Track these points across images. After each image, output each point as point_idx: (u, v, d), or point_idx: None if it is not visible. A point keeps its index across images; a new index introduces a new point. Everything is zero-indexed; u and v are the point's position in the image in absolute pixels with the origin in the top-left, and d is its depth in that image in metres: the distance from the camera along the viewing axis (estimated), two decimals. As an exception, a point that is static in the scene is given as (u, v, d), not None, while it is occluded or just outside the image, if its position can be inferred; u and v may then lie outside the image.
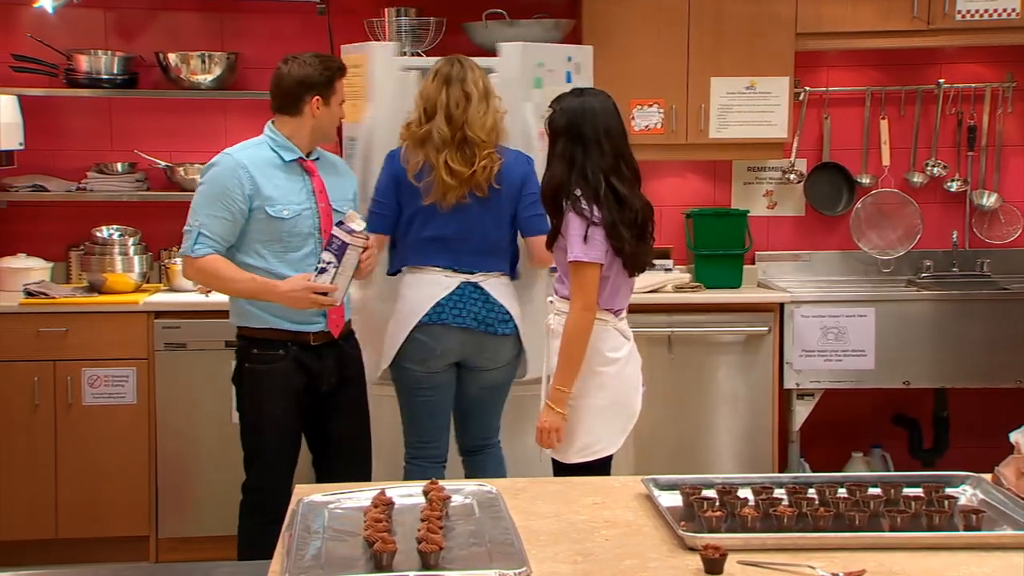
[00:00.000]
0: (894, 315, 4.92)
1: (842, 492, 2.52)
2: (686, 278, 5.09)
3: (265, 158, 3.59)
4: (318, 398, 3.71)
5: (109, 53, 4.94)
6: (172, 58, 4.91)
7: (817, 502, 2.45)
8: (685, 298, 4.95)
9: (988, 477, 2.61)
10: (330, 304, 3.53)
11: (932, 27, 4.96)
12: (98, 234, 4.88)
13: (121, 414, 4.59)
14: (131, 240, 4.87)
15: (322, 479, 3.74)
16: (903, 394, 5.18)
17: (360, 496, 2.48)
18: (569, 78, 4.38)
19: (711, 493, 2.49)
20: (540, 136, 4.00)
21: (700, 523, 2.34)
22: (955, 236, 5.38)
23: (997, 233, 5.42)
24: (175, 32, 5.11)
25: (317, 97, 3.59)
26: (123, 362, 4.58)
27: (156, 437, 4.62)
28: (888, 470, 5.11)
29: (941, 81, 5.36)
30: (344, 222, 3.48)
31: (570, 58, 4.44)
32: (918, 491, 2.52)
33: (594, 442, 3.46)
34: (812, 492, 2.51)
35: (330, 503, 2.46)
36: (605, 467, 3.51)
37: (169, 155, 5.09)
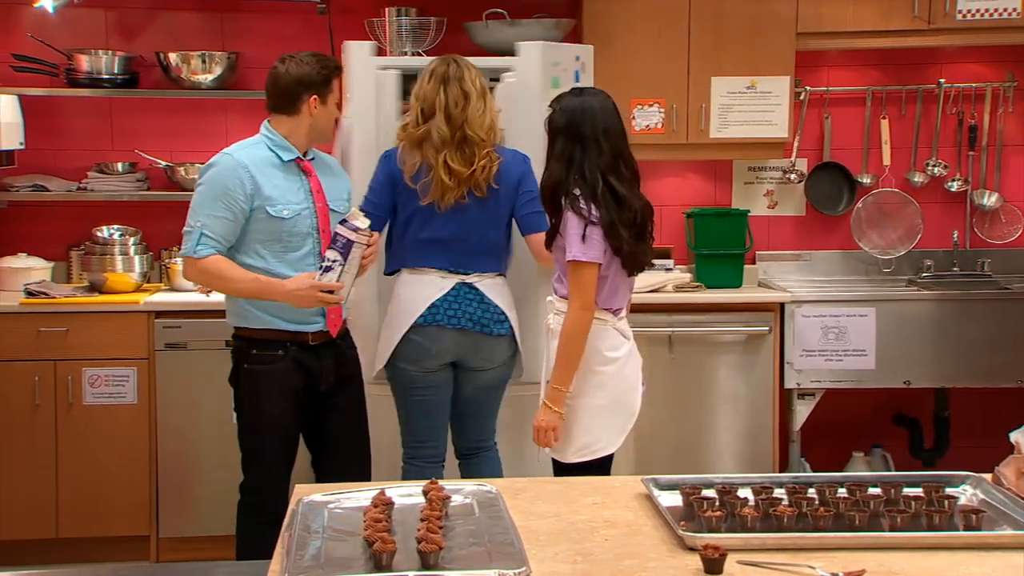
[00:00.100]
0: (895, 315, 4.92)
1: (842, 492, 2.52)
2: (687, 278, 5.08)
3: (264, 158, 3.57)
4: (316, 398, 3.70)
5: (110, 53, 4.94)
6: (173, 58, 4.91)
7: (817, 502, 2.45)
8: (686, 298, 4.95)
9: (988, 477, 2.61)
10: (336, 302, 3.53)
11: (933, 27, 4.96)
12: (99, 234, 4.88)
13: (121, 414, 4.59)
14: (132, 240, 4.87)
15: (321, 479, 3.74)
16: (904, 394, 5.17)
17: (360, 496, 2.48)
18: (577, 77, 4.38)
19: (711, 493, 2.49)
20: None
21: (700, 523, 2.34)
22: (956, 236, 5.37)
23: (998, 233, 5.42)
24: (176, 32, 5.11)
25: (315, 96, 3.59)
26: (123, 362, 4.58)
27: (156, 437, 4.62)
28: (889, 470, 5.11)
29: (942, 81, 5.36)
30: (347, 220, 3.47)
31: (578, 57, 4.45)
32: (918, 491, 2.52)
33: (593, 442, 3.46)
34: (812, 492, 2.51)
35: (330, 503, 2.46)
36: (606, 467, 3.51)
37: (170, 155, 5.09)
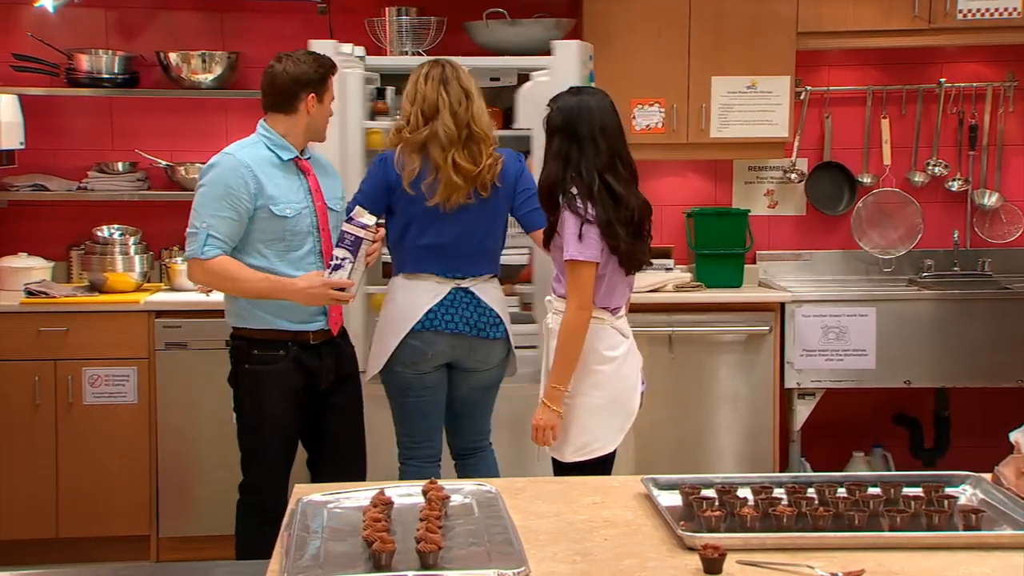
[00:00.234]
0: (895, 314, 4.91)
1: (841, 492, 2.52)
2: (687, 277, 5.08)
3: (264, 157, 3.57)
4: (316, 397, 3.70)
5: (110, 52, 4.94)
6: (173, 57, 4.91)
7: (816, 502, 2.44)
8: (686, 297, 4.95)
9: (988, 477, 2.61)
10: (347, 300, 3.54)
11: (933, 26, 4.96)
12: (99, 233, 4.88)
13: (122, 413, 4.59)
14: (132, 239, 4.87)
15: (317, 478, 3.73)
16: (904, 394, 5.17)
17: (359, 496, 2.48)
18: (592, 77, 4.38)
19: (710, 493, 2.49)
20: None
21: (699, 523, 2.34)
22: (956, 235, 5.37)
23: (998, 232, 5.42)
24: (176, 31, 5.11)
25: (312, 95, 3.58)
26: (124, 361, 4.58)
27: (156, 437, 4.62)
28: (889, 470, 5.11)
29: (942, 80, 5.35)
30: (354, 218, 3.48)
31: (591, 56, 4.45)
32: (918, 491, 2.52)
33: (591, 441, 3.45)
34: (811, 492, 2.51)
35: (329, 503, 2.46)
36: (606, 466, 3.51)
37: (170, 154, 5.09)
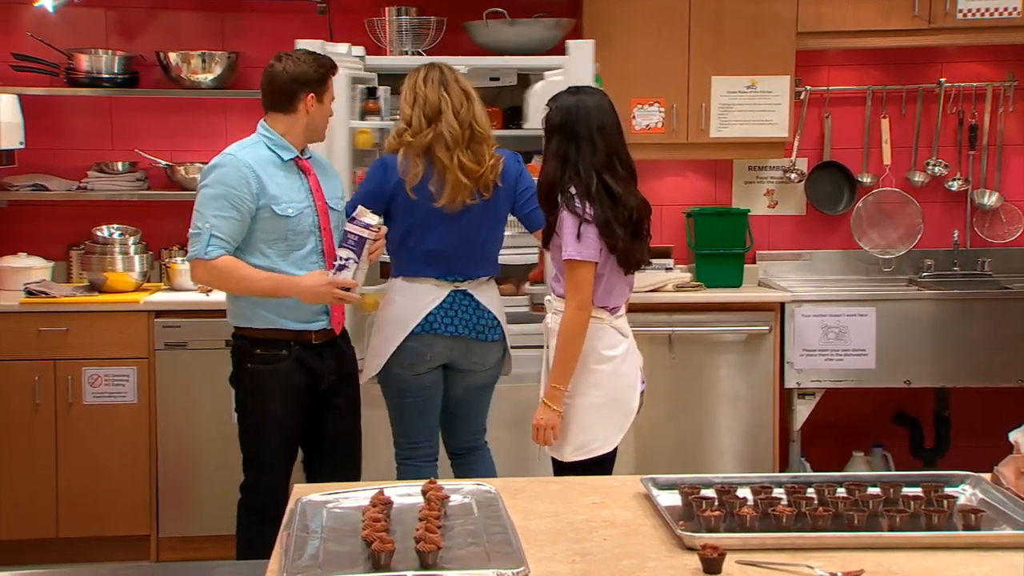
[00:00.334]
0: (895, 314, 4.91)
1: (841, 492, 2.52)
2: (687, 277, 5.08)
3: (265, 157, 3.57)
4: (316, 397, 3.70)
5: (110, 52, 4.94)
6: (173, 57, 4.91)
7: (816, 502, 2.44)
8: (686, 297, 4.94)
9: (987, 477, 2.61)
10: (353, 300, 3.55)
11: (933, 26, 4.96)
12: (99, 233, 4.88)
13: (121, 413, 4.59)
14: (131, 239, 4.87)
15: (313, 477, 3.74)
16: (904, 393, 5.17)
17: (358, 496, 2.48)
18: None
19: (710, 493, 2.49)
20: None
21: (699, 523, 2.34)
22: (956, 235, 5.37)
23: (998, 232, 5.41)
24: (176, 31, 5.11)
25: (312, 94, 3.58)
26: (123, 361, 4.58)
27: (156, 436, 4.62)
28: (889, 470, 5.11)
29: (942, 80, 5.35)
30: (357, 218, 3.48)
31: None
32: (917, 491, 2.51)
33: (590, 440, 3.45)
34: (811, 492, 2.51)
35: (328, 503, 2.46)
36: (606, 466, 3.51)
37: (170, 154, 5.09)
